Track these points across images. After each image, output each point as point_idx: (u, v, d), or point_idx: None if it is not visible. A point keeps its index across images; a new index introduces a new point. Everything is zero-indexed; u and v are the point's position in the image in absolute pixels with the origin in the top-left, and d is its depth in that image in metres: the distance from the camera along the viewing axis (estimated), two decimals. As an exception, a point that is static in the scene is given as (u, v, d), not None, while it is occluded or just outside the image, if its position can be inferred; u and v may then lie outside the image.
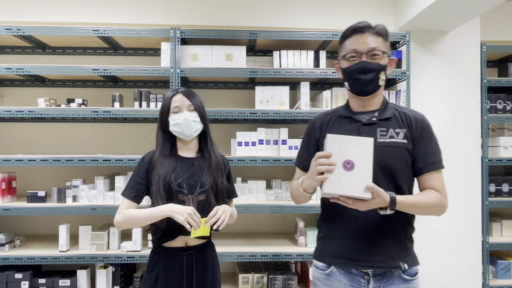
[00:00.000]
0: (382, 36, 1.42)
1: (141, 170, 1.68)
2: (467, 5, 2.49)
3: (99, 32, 2.64)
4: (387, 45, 1.44)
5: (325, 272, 1.46)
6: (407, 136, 1.42)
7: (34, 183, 3.02)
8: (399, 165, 1.40)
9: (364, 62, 1.39)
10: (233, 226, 3.06)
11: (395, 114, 1.46)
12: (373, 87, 1.42)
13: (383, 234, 1.40)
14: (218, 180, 1.71)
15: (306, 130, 1.61)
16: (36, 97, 2.90)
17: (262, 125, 2.91)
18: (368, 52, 1.39)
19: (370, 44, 1.39)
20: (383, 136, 1.41)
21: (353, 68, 1.41)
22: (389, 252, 1.40)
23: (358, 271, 1.41)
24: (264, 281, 2.66)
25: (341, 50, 1.47)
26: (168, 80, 2.91)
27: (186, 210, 1.53)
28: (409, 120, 1.44)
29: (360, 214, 1.37)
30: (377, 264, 1.39)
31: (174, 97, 1.71)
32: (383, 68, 1.41)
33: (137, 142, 3.07)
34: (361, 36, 1.40)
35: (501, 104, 3.05)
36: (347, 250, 1.42)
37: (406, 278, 1.40)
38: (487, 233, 2.96)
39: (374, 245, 1.40)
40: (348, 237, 1.42)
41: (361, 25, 1.41)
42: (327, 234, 1.50)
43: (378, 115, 1.44)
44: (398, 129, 1.43)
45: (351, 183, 1.23)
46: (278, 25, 2.99)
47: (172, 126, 1.68)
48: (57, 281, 2.58)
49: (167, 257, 1.65)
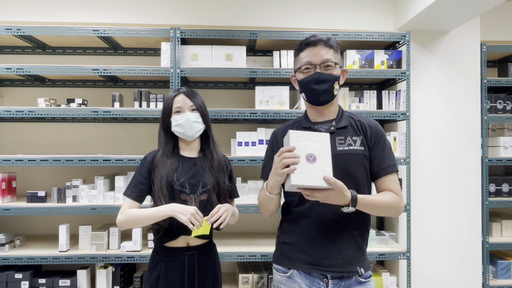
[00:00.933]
0: (333, 48, 1.50)
1: (143, 169, 1.68)
2: (467, 5, 2.49)
3: (99, 32, 2.64)
4: (338, 57, 1.52)
5: (286, 275, 1.50)
6: (363, 143, 1.49)
7: (34, 183, 3.02)
8: (359, 172, 1.47)
9: (318, 73, 1.46)
10: (233, 226, 3.06)
11: (350, 122, 1.53)
12: (328, 97, 1.49)
13: (341, 239, 1.45)
14: (220, 180, 1.71)
15: (269, 143, 1.65)
16: (36, 97, 2.90)
17: (262, 125, 2.91)
18: (322, 64, 1.47)
19: (323, 56, 1.47)
20: (341, 145, 1.48)
21: (308, 79, 1.48)
22: (347, 257, 1.45)
23: (318, 274, 1.46)
24: (264, 281, 2.66)
25: (296, 63, 1.54)
26: (168, 80, 2.91)
27: (189, 210, 1.53)
28: (364, 127, 1.52)
29: (318, 219, 1.44)
30: (336, 268, 1.44)
31: (176, 98, 1.70)
32: (336, 79, 1.48)
33: (137, 142, 3.07)
34: (314, 49, 1.48)
35: (501, 104, 3.05)
36: (306, 255, 1.46)
37: (361, 280, 1.47)
38: (487, 233, 2.96)
39: (333, 250, 1.45)
40: (306, 242, 1.47)
41: (313, 39, 1.49)
42: (286, 238, 1.53)
43: (335, 124, 1.51)
44: (355, 137, 1.50)
45: (314, 174, 1.29)
46: (278, 25, 2.99)
47: (174, 127, 1.68)
48: (57, 281, 2.58)
49: (168, 257, 1.65)
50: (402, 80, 2.81)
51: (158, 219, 1.59)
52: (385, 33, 2.76)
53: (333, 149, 1.43)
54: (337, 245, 1.45)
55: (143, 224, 1.63)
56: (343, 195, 1.31)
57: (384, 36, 2.75)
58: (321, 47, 1.48)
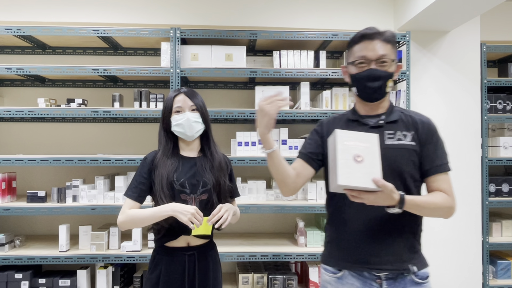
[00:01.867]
0: (391, 43, 1.42)
1: (144, 170, 1.69)
2: (467, 5, 2.49)
3: (99, 32, 2.64)
4: (395, 52, 1.45)
5: (336, 276, 1.45)
6: (414, 138, 1.43)
7: (34, 183, 3.02)
8: (408, 167, 1.40)
9: (372, 70, 1.40)
10: (233, 226, 3.06)
11: (401, 117, 1.47)
12: (380, 94, 1.43)
13: (391, 236, 1.40)
14: (221, 180, 1.71)
15: (314, 129, 1.59)
16: (36, 97, 2.90)
17: (262, 125, 2.91)
18: (377, 60, 1.39)
19: (379, 52, 1.39)
20: (390, 139, 1.42)
21: (362, 75, 1.41)
22: (397, 254, 1.39)
23: (370, 275, 1.40)
24: (264, 281, 2.66)
25: (350, 56, 1.47)
26: (168, 80, 2.91)
27: (189, 210, 1.53)
28: (416, 123, 1.45)
29: (366, 217, 1.39)
30: (386, 266, 1.38)
31: (177, 97, 1.71)
32: (390, 76, 1.42)
33: (137, 142, 3.07)
34: (370, 43, 1.40)
35: (501, 104, 3.05)
36: (355, 253, 1.42)
37: (418, 281, 1.40)
38: (487, 233, 2.96)
39: (382, 247, 1.39)
40: (355, 240, 1.42)
41: (370, 32, 1.41)
42: (334, 238, 1.49)
43: (385, 118, 1.46)
44: (405, 131, 1.44)
45: (362, 175, 1.25)
46: (278, 25, 2.99)
47: (174, 126, 1.69)
48: (57, 281, 2.58)
49: (169, 256, 1.66)
50: (402, 80, 2.81)
51: (159, 219, 1.59)
52: (385, 33, 2.76)
53: (381, 143, 1.37)
54: (387, 243, 1.39)
55: (144, 224, 1.64)
56: (391, 197, 1.26)
57: (384, 36, 2.75)
58: (378, 41, 1.40)
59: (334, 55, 3.18)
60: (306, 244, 2.70)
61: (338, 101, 2.82)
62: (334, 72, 2.71)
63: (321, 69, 2.72)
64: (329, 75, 2.71)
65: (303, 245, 2.70)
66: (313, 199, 2.72)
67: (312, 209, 2.65)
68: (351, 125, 1.49)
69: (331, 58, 3.17)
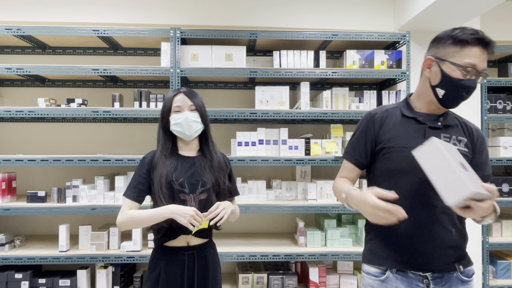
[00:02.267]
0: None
1: (142, 170, 1.69)
2: (467, 5, 2.49)
3: (99, 32, 2.64)
4: None
5: (380, 279, 1.40)
6: (468, 145, 1.41)
7: (34, 183, 3.02)
8: None
9: (474, 82, 1.32)
10: (233, 226, 3.06)
11: (456, 122, 1.45)
12: (461, 102, 1.38)
13: (439, 236, 1.36)
14: (220, 180, 1.71)
15: (363, 122, 1.50)
16: (36, 97, 2.90)
17: (262, 125, 2.91)
18: (481, 73, 1.32)
19: (484, 65, 1.32)
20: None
21: (464, 84, 1.31)
22: (445, 254, 1.36)
23: (416, 275, 1.36)
24: (264, 281, 2.66)
25: (454, 54, 1.32)
26: (168, 80, 2.91)
27: (188, 212, 1.54)
28: (471, 130, 1.44)
29: (415, 216, 1.33)
30: (433, 266, 1.35)
31: (176, 97, 1.71)
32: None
33: (137, 142, 3.07)
34: (484, 53, 1.31)
35: (501, 104, 3.05)
36: (400, 253, 1.38)
37: (464, 279, 1.39)
38: (487, 233, 2.96)
39: (430, 247, 1.36)
40: (402, 239, 1.37)
41: (488, 40, 1.30)
42: (377, 235, 1.44)
43: (442, 120, 1.42)
44: (460, 137, 1.42)
45: (473, 183, 1.18)
46: (278, 25, 2.99)
47: (173, 126, 1.69)
48: (57, 281, 2.59)
49: (168, 256, 1.66)
50: (402, 80, 2.81)
51: (157, 221, 1.59)
52: (385, 33, 2.76)
53: None
54: (435, 243, 1.35)
55: (143, 225, 1.64)
56: (492, 205, 1.22)
57: (384, 36, 2.75)
58: (486, 53, 1.31)
59: (334, 55, 3.18)
60: (306, 244, 2.70)
61: (338, 101, 2.81)
62: (334, 72, 2.71)
63: (321, 69, 2.72)
64: (329, 75, 2.71)
65: (303, 245, 2.70)
66: (313, 199, 2.72)
67: (312, 209, 2.65)
68: (407, 122, 1.43)
69: (331, 58, 3.17)
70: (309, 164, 2.71)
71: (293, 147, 2.71)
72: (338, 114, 2.70)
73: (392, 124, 1.44)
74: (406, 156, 1.35)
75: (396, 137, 1.41)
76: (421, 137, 1.37)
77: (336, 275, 2.77)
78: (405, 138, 1.40)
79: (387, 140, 1.42)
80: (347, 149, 1.54)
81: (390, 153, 1.41)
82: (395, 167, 1.39)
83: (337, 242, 2.69)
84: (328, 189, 2.72)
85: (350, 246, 2.69)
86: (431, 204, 1.34)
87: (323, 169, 3.11)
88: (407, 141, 1.38)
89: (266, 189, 2.79)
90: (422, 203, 1.35)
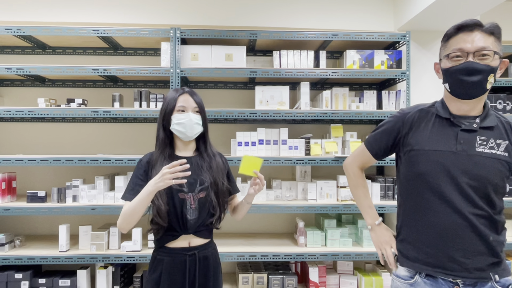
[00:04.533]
0: (494, 35, 1.30)
1: (139, 172, 1.67)
2: (467, 5, 2.49)
3: (99, 32, 2.64)
4: (499, 46, 1.31)
5: (409, 282, 1.39)
6: (508, 149, 1.33)
7: (34, 183, 3.02)
8: (496, 179, 1.31)
9: (470, 63, 1.27)
10: (233, 226, 3.07)
11: (497, 123, 1.36)
12: (478, 91, 1.31)
13: (469, 244, 1.32)
14: (219, 180, 1.71)
15: (392, 120, 1.48)
16: (36, 97, 2.90)
17: (262, 125, 2.91)
18: (476, 52, 1.27)
19: (479, 43, 1.27)
20: (482, 146, 1.33)
21: (456, 69, 1.30)
22: (477, 262, 1.31)
23: (446, 281, 1.33)
24: (264, 281, 2.66)
25: (444, 50, 1.36)
26: (168, 80, 2.91)
27: (162, 175, 1.49)
28: None
29: (450, 221, 1.32)
30: (464, 274, 1.31)
31: (181, 97, 1.69)
32: (492, 70, 1.28)
33: (137, 142, 3.07)
34: (469, 35, 1.29)
35: (501, 104, 3.05)
36: (430, 256, 1.35)
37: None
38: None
39: (460, 254, 1.32)
40: (434, 243, 1.34)
41: (469, 22, 1.29)
42: (408, 236, 1.42)
43: (479, 121, 1.35)
44: (499, 140, 1.34)
45: None
46: (278, 25, 2.99)
47: (175, 125, 1.67)
48: (57, 281, 2.58)
49: (170, 257, 1.65)
50: (402, 80, 2.81)
51: (147, 201, 1.54)
52: (385, 33, 2.76)
53: (471, 149, 1.31)
54: (468, 250, 1.31)
55: (137, 214, 1.57)
56: None
57: (384, 36, 2.75)
58: (478, 33, 1.28)
59: (334, 55, 3.18)
60: (306, 244, 2.70)
61: (338, 101, 2.81)
62: (334, 72, 2.71)
63: (321, 69, 2.72)
64: (329, 75, 2.71)
65: (303, 245, 2.70)
66: (313, 199, 2.72)
67: (312, 209, 2.65)
68: (441, 123, 1.38)
69: (331, 58, 3.17)
70: (309, 164, 2.71)
71: (293, 147, 2.71)
72: (338, 114, 2.70)
73: (424, 125, 1.40)
74: (435, 159, 1.34)
75: (427, 140, 1.38)
76: (453, 140, 1.34)
77: (336, 275, 2.77)
78: (436, 140, 1.36)
79: (415, 143, 1.39)
80: (370, 139, 1.55)
81: (419, 156, 1.38)
82: (424, 170, 1.36)
83: (337, 242, 2.69)
84: (328, 189, 2.72)
85: (350, 246, 2.69)
86: (460, 210, 1.31)
87: (323, 169, 3.11)
88: (438, 144, 1.35)
89: (266, 189, 2.79)
90: (452, 207, 1.32)
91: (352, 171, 1.62)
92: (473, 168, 1.30)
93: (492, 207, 1.33)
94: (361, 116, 2.72)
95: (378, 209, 2.63)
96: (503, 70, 1.35)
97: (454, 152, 1.33)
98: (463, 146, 1.33)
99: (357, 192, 1.62)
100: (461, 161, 1.32)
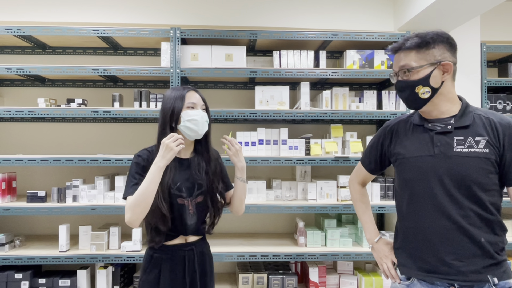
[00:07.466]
0: (416, 48, 1.36)
1: (139, 167, 1.61)
2: (467, 5, 2.49)
3: (99, 32, 2.64)
4: (426, 56, 1.36)
5: (406, 283, 1.43)
6: (490, 144, 1.32)
7: (34, 183, 3.02)
8: (479, 177, 1.31)
9: (398, 82, 1.42)
10: (233, 226, 3.07)
11: (475, 120, 1.36)
12: (417, 102, 1.39)
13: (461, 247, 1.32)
14: (214, 185, 1.70)
15: (378, 134, 1.59)
16: (36, 97, 2.90)
17: (262, 125, 2.91)
18: (400, 71, 1.41)
19: (400, 63, 1.40)
20: (460, 146, 1.33)
21: (396, 88, 1.45)
22: (472, 264, 1.31)
23: (442, 283, 1.34)
24: (264, 281, 2.66)
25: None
26: (168, 80, 2.91)
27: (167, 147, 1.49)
28: (495, 126, 1.34)
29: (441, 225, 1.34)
30: (460, 277, 1.32)
31: (189, 93, 1.63)
32: (417, 83, 1.36)
33: (137, 142, 3.07)
34: (396, 56, 1.43)
35: (501, 104, 3.05)
36: (424, 263, 1.38)
37: None
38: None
39: (452, 257, 1.33)
40: (427, 248, 1.37)
41: (396, 46, 1.42)
42: (402, 244, 1.47)
43: (454, 122, 1.36)
44: (478, 137, 1.33)
45: None
46: (278, 25, 2.99)
47: (187, 122, 1.59)
48: (57, 281, 2.58)
49: (168, 254, 1.64)
50: (402, 80, 2.80)
51: (157, 179, 1.50)
52: (385, 33, 2.76)
53: (450, 150, 1.33)
54: (456, 253, 1.32)
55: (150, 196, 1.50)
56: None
57: (384, 36, 2.75)
58: (402, 52, 1.40)
59: (334, 55, 3.18)
60: (306, 244, 2.70)
61: (338, 101, 2.81)
62: (334, 72, 2.71)
63: (321, 69, 2.72)
64: (329, 75, 2.71)
65: (303, 245, 2.70)
66: (313, 199, 2.72)
67: (312, 209, 2.65)
68: (416, 130, 1.44)
69: (331, 58, 3.17)
70: (309, 164, 2.71)
71: (293, 147, 2.71)
72: (338, 114, 2.70)
73: (403, 135, 1.48)
74: (417, 165, 1.39)
75: (407, 147, 1.44)
76: (430, 144, 1.38)
77: (336, 275, 2.77)
78: (415, 147, 1.42)
79: (398, 153, 1.46)
80: (363, 155, 1.67)
81: (403, 164, 1.44)
82: (409, 176, 1.42)
83: (337, 242, 2.69)
84: (328, 189, 2.72)
85: (350, 246, 2.69)
86: (447, 213, 1.32)
87: (323, 169, 3.11)
88: (417, 150, 1.41)
89: (266, 189, 2.79)
90: (438, 211, 1.34)
91: (353, 187, 1.72)
92: (454, 169, 1.33)
93: (481, 206, 1.32)
94: (361, 116, 2.72)
95: (378, 209, 2.63)
96: (450, 72, 1.36)
97: (432, 156, 1.37)
98: (441, 148, 1.36)
99: (356, 207, 1.72)
100: (441, 164, 1.35)
